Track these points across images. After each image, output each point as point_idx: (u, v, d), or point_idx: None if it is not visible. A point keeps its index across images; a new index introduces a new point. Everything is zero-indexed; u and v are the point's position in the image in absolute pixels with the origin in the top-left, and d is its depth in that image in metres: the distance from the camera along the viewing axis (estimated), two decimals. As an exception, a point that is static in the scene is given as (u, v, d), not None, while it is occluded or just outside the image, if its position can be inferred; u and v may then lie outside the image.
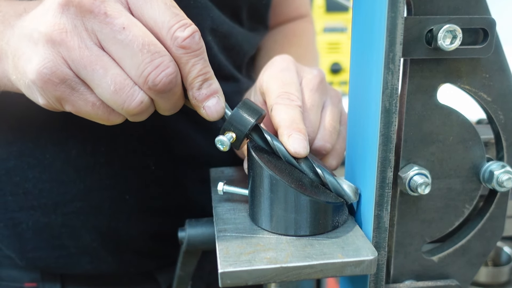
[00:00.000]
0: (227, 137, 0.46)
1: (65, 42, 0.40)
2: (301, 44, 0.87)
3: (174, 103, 0.45)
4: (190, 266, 0.60)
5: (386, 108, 0.40)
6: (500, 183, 0.46)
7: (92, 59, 0.41)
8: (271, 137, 0.48)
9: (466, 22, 0.42)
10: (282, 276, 0.40)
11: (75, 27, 0.41)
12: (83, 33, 0.41)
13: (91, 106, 0.43)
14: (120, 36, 0.40)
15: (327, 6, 2.30)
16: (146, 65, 0.41)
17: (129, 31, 0.40)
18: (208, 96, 0.45)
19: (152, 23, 0.42)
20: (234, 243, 0.44)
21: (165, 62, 0.41)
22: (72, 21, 0.41)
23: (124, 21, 0.40)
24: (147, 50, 0.40)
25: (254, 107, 0.48)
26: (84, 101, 0.43)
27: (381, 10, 0.39)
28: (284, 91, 0.51)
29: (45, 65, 0.41)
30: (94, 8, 0.40)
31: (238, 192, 0.51)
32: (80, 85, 0.42)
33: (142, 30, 0.41)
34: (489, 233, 0.50)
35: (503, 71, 0.45)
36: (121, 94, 0.41)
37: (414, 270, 0.49)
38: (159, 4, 0.42)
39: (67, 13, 0.41)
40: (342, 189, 0.46)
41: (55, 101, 0.43)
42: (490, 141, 0.49)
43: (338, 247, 0.43)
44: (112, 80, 0.41)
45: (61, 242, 0.67)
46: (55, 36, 0.41)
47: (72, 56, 0.41)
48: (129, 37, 0.40)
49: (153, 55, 0.40)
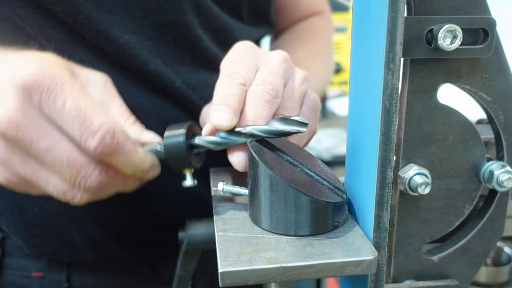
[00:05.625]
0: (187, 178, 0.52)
1: (7, 163, 0.46)
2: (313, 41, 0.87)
3: (123, 184, 0.51)
4: (190, 266, 0.60)
5: (386, 108, 0.40)
6: (500, 183, 0.46)
7: (33, 173, 0.46)
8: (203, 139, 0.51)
9: (466, 22, 0.42)
10: (282, 276, 0.40)
11: (12, 150, 0.45)
12: (19, 154, 0.45)
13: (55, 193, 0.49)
14: (46, 158, 0.45)
15: (327, 6, 2.29)
16: (74, 177, 0.46)
17: (53, 152, 0.45)
18: (143, 174, 0.51)
19: (70, 133, 0.45)
20: (234, 243, 0.44)
21: (89, 171, 0.46)
22: (6, 148, 0.45)
23: (47, 143, 0.44)
24: (72, 166, 0.45)
25: (176, 127, 0.51)
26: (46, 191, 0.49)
27: (381, 10, 0.39)
28: (230, 71, 0.52)
29: (2, 176, 0.47)
30: (19, 137, 0.44)
31: (238, 192, 0.51)
32: (34, 188, 0.49)
33: (65, 148, 0.45)
34: (489, 233, 0.50)
35: (503, 71, 0.45)
36: (65, 197, 0.48)
37: (414, 270, 0.49)
38: (67, 116, 0.45)
39: (1, 142, 0.45)
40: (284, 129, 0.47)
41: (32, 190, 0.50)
42: (490, 141, 0.49)
43: (338, 247, 0.43)
44: (54, 188, 0.47)
45: (65, 229, 0.68)
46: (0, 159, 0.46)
47: (17, 172, 0.46)
48: (54, 159, 0.45)
49: (78, 170, 0.46)
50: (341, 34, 2.30)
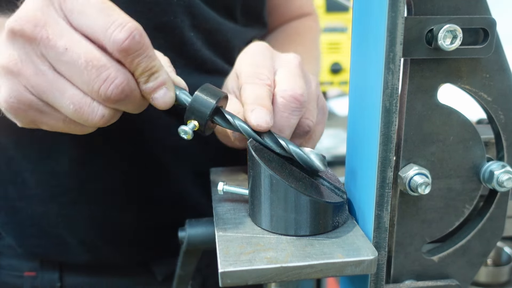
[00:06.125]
0: (190, 126, 0.47)
1: (22, 72, 0.43)
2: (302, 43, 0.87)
3: (138, 104, 0.46)
4: (190, 266, 0.60)
5: (387, 108, 0.40)
6: (500, 183, 0.46)
7: (48, 83, 0.43)
8: (232, 117, 0.48)
9: (467, 22, 0.42)
10: (282, 276, 0.40)
11: (27, 55, 0.42)
12: (36, 59, 0.42)
13: (62, 122, 0.46)
14: (64, 57, 0.42)
15: (327, 6, 2.30)
16: (94, 81, 0.42)
17: (72, 51, 0.41)
18: (155, 88, 0.45)
19: (90, 31, 0.42)
20: (234, 243, 0.44)
21: (112, 73, 0.42)
22: (23, 50, 0.42)
23: (66, 41, 0.42)
24: (91, 66, 0.41)
25: (213, 91, 0.48)
26: (55, 120, 0.46)
27: (381, 10, 0.39)
28: (254, 71, 0.52)
29: (11, 94, 0.44)
30: (36, 34, 0.41)
31: (238, 192, 0.51)
32: (46, 107, 0.45)
33: (84, 47, 0.42)
34: (489, 233, 0.50)
35: (503, 71, 0.45)
36: (82, 112, 0.43)
37: (414, 270, 0.49)
38: (92, 11, 0.42)
39: (17, 44, 0.43)
40: (309, 158, 0.46)
41: (29, 123, 0.47)
42: (490, 141, 0.49)
43: (338, 247, 0.43)
44: (71, 101, 0.43)
45: (58, 231, 0.68)
46: (12, 67, 0.43)
47: (31, 83, 0.43)
48: (73, 57, 0.41)
49: (98, 70, 0.41)
50: (341, 34, 2.29)
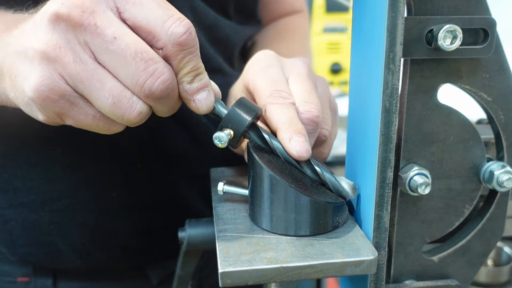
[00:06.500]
0: (225, 133, 0.46)
1: (60, 58, 0.40)
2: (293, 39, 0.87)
3: (173, 106, 0.45)
4: (190, 266, 0.60)
5: (386, 108, 0.40)
6: (500, 183, 0.46)
7: (88, 73, 0.40)
8: (269, 136, 0.48)
9: (467, 22, 0.42)
10: (282, 276, 0.40)
11: (68, 41, 0.40)
12: (77, 47, 0.40)
13: (91, 118, 0.43)
14: (112, 46, 0.40)
15: (327, 6, 2.30)
16: (140, 73, 0.40)
17: (121, 40, 0.40)
18: (199, 89, 0.44)
19: (145, 23, 0.41)
20: (234, 243, 0.44)
21: (160, 68, 0.40)
22: (64, 36, 0.40)
23: (114, 30, 0.40)
24: (140, 58, 0.40)
25: (250, 106, 0.48)
26: (84, 115, 0.43)
27: (381, 10, 0.39)
28: (275, 89, 0.50)
29: (42, 82, 0.40)
30: (83, 20, 0.39)
31: (238, 192, 0.51)
32: (79, 100, 0.42)
33: (133, 38, 0.40)
34: (489, 233, 0.50)
35: (503, 71, 0.45)
36: (120, 106, 0.41)
37: (414, 270, 0.49)
38: (148, 3, 0.41)
39: (59, 28, 0.40)
40: (341, 186, 0.46)
41: (55, 117, 0.43)
42: (490, 141, 0.49)
43: (338, 247, 0.43)
44: (110, 93, 0.41)
45: (50, 238, 0.67)
46: (50, 53, 0.40)
47: (69, 72, 0.40)
48: (121, 46, 0.40)
49: (146, 62, 0.40)
50: (341, 34, 2.30)
